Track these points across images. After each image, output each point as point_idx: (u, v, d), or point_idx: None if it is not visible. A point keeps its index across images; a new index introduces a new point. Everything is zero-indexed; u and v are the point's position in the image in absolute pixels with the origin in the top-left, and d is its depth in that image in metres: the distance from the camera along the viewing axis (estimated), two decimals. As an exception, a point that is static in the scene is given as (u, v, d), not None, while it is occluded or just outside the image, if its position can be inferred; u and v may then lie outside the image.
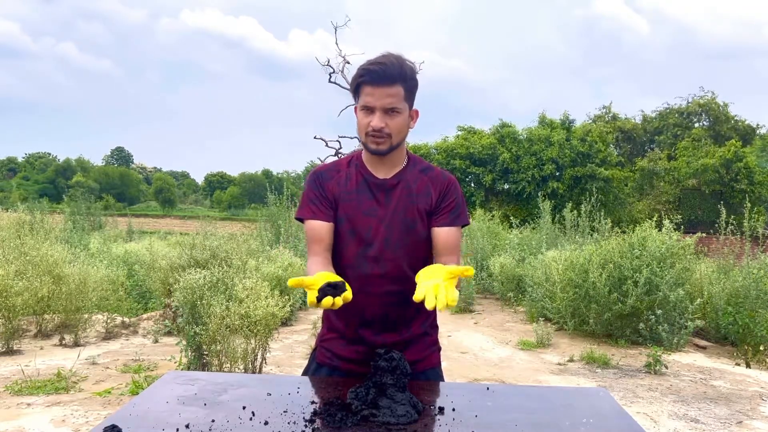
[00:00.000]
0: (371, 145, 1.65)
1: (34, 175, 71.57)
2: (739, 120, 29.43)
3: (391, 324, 1.71)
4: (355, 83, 1.64)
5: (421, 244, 1.71)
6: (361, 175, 1.74)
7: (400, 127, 1.65)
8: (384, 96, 1.60)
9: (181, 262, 6.13)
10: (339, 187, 1.72)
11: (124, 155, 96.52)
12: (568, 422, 1.35)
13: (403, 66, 1.63)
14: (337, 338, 1.76)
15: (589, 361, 5.60)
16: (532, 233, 11.25)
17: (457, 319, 8.15)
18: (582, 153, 22.66)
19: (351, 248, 1.69)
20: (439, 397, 1.46)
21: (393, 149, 1.68)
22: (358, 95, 1.65)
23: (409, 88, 1.65)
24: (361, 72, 1.61)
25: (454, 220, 1.73)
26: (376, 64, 1.60)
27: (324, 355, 1.78)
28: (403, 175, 1.74)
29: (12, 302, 5.22)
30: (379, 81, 1.59)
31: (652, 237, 6.59)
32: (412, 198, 1.71)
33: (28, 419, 3.60)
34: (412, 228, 1.69)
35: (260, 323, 4.24)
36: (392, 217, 1.69)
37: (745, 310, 6.31)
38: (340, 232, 1.70)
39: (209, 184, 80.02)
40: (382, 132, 1.62)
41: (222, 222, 25.04)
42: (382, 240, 1.67)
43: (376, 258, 1.67)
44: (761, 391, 4.77)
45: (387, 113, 1.62)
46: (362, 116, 1.64)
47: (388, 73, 1.59)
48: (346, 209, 1.70)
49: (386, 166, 1.73)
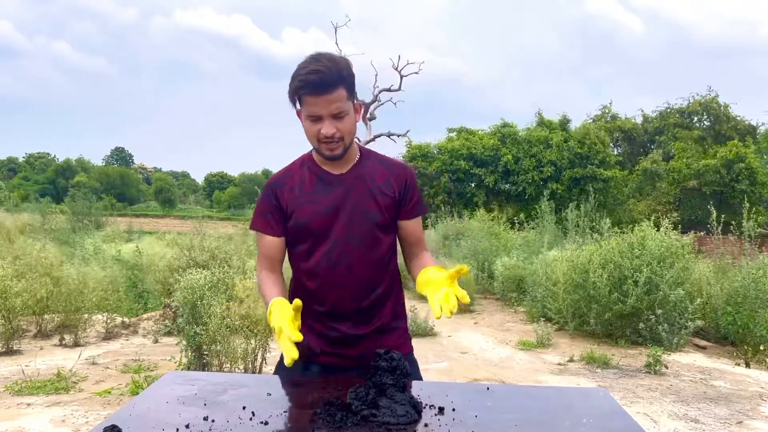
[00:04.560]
0: (325, 151, 1.64)
1: (34, 175, 71.55)
2: (739, 120, 29.42)
3: (362, 316, 1.73)
4: (295, 94, 1.60)
5: (383, 234, 1.74)
6: (315, 174, 1.73)
7: (350, 128, 1.65)
8: (328, 103, 1.56)
9: (180, 264, 6.13)
10: (293, 192, 1.72)
11: (124, 155, 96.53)
12: (568, 422, 1.35)
13: (339, 66, 1.57)
14: (307, 332, 1.72)
15: (589, 361, 5.60)
16: (534, 234, 11.26)
17: (457, 319, 8.15)
18: (580, 155, 22.68)
19: (315, 248, 1.70)
20: (439, 397, 1.46)
21: (347, 150, 1.67)
22: (300, 105, 1.62)
23: (349, 86, 1.61)
24: (300, 84, 1.56)
25: (419, 211, 1.81)
26: (313, 72, 1.54)
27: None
28: (359, 168, 1.74)
29: (12, 303, 5.22)
30: (321, 90, 1.55)
31: (651, 236, 6.59)
32: (371, 190, 1.72)
33: (28, 419, 3.60)
34: (373, 220, 1.71)
35: (260, 323, 4.25)
36: (352, 211, 1.69)
37: (745, 310, 6.31)
38: (303, 234, 1.71)
39: (209, 184, 79.99)
40: (334, 137, 1.61)
41: (222, 222, 25.05)
42: (345, 235, 1.69)
43: (341, 253, 1.68)
44: (761, 391, 4.77)
45: (335, 118, 1.59)
46: (309, 124, 1.61)
47: (327, 79, 1.54)
48: (304, 212, 1.70)
49: (340, 162, 1.72)
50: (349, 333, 1.72)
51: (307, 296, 1.71)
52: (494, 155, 23.01)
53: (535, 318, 7.41)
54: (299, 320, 1.47)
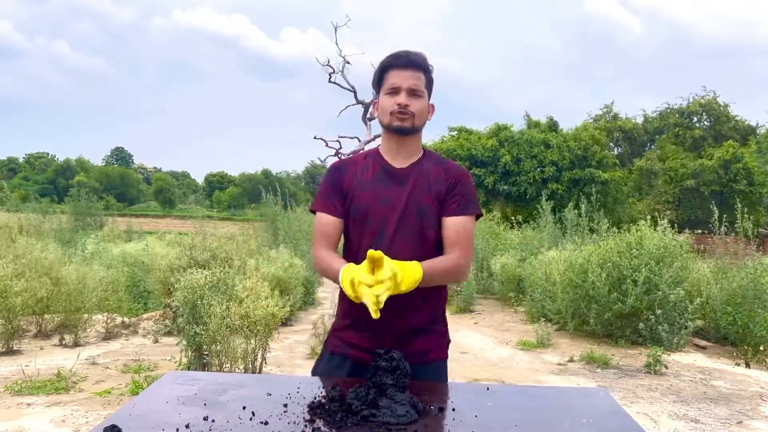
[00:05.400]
0: (395, 122, 1.71)
1: (34, 175, 71.54)
2: (739, 120, 29.43)
3: (402, 310, 1.70)
4: (381, 69, 1.75)
5: (432, 229, 1.74)
6: (378, 165, 1.79)
7: (422, 110, 1.74)
8: (409, 78, 1.71)
9: (181, 263, 6.13)
10: (355, 178, 1.78)
11: (124, 155, 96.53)
12: (568, 422, 1.35)
13: (425, 59, 1.76)
14: (349, 325, 1.78)
15: (589, 361, 5.60)
16: (534, 233, 11.26)
17: (457, 319, 8.15)
18: (579, 156, 22.69)
19: (365, 236, 1.73)
20: (439, 397, 1.46)
21: (415, 131, 1.75)
22: (382, 81, 1.75)
23: (429, 79, 1.76)
24: (389, 58, 1.74)
25: (464, 209, 1.75)
26: (403, 52, 1.74)
27: (335, 344, 1.81)
28: (419, 164, 1.79)
29: (12, 303, 5.22)
30: (406, 65, 1.72)
31: (649, 236, 6.60)
32: (428, 185, 1.76)
33: (28, 419, 3.60)
34: (425, 214, 1.73)
35: (260, 323, 4.24)
36: (407, 204, 1.73)
37: (745, 310, 6.31)
38: (356, 221, 1.75)
39: (209, 184, 79.96)
40: (407, 109, 1.70)
41: (222, 222, 25.04)
42: (396, 226, 1.71)
43: (390, 244, 1.69)
44: (761, 391, 4.77)
45: (411, 94, 1.71)
46: (387, 99, 1.73)
47: (413, 59, 1.73)
48: (362, 199, 1.75)
49: (403, 155, 1.78)
50: (387, 329, 1.69)
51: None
52: (493, 156, 23.01)
53: (534, 318, 7.41)
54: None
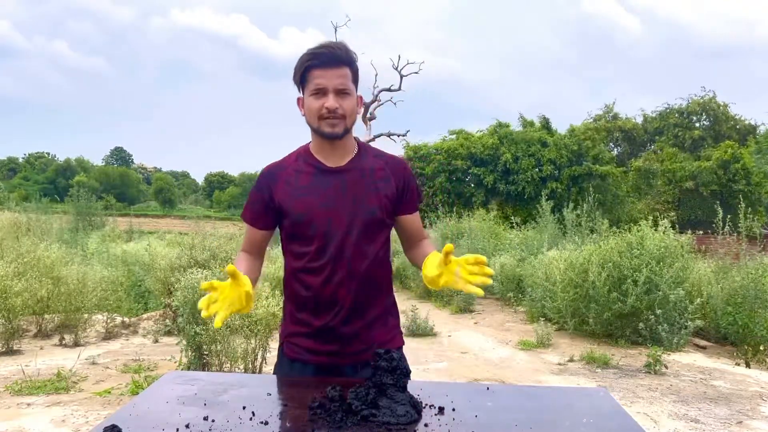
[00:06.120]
0: (326, 128, 1.62)
1: (34, 175, 71.53)
2: (738, 120, 29.43)
3: (358, 309, 1.70)
4: (302, 68, 1.63)
5: (380, 230, 1.72)
6: (312, 167, 1.69)
7: (352, 109, 1.65)
8: (335, 77, 1.60)
9: (181, 263, 6.13)
10: (288, 186, 1.69)
11: (124, 155, 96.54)
12: (568, 422, 1.35)
13: (348, 50, 1.64)
14: (303, 332, 1.73)
15: (589, 361, 5.60)
16: (534, 233, 11.26)
17: (457, 319, 8.15)
18: (575, 152, 22.71)
19: (311, 242, 1.67)
20: (439, 397, 1.46)
21: (347, 132, 1.66)
22: (305, 81, 1.64)
23: (354, 71, 1.66)
24: (309, 56, 1.61)
25: (417, 204, 1.82)
26: (323, 47, 1.61)
27: (293, 351, 1.75)
28: (358, 161, 1.71)
29: (12, 303, 5.22)
30: (329, 63, 1.60)
31: (650, 236, 6.59)
32: (371, 186, 1.69)
33: (28, 419, 3.60)
34: (372, 214, 1.68)
35: (260, 323, 4.25)
36: (353, 207, 1.66)
37: (745, 311, 6.31)
38: (298, 229, 1.68)
39: (209, 184, 79.98)
40: (336, 113, 1.60)
41: (221, 222, 25.03)
42: (345, 229, 1.66)
43: (339, 247, 1.65)
44: (761, 391, 4.77)
45: (339, 94, 1.61)
46: (313, 100, 1.62)
47: (336, 55, 1.61)
48: (300, 206, 1.66)
49: (338, 154, 1.69)
50: (343, 328, 1.69)
51: (303, 291, 1.70)
52: (493, 154, 23.01)
53: (534, 318, 7.41)
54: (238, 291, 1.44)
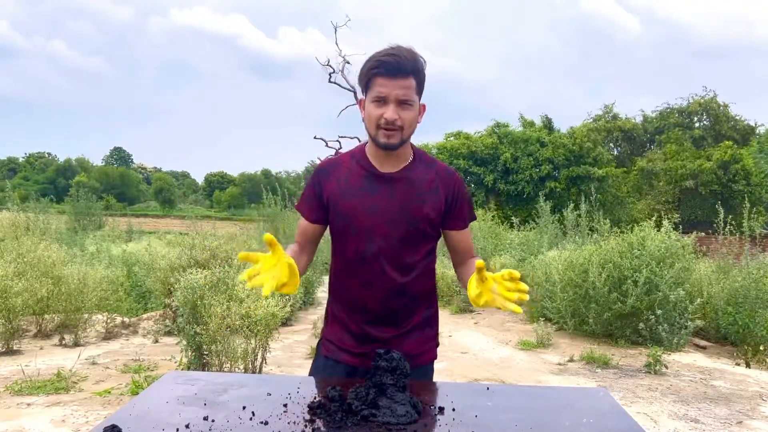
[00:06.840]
0: (382, 138, 1.61)
1: (34, 175, 71.56)
2: (739, 120, 29.43)
3: (392, 317, 1.71)
4: (367, 75, 1.59)
5: (423, 241, 1.71)
6: (364, 169, 1.69)
7: (412, 121, 1.62)
8: (398, 87, 1.56)
9: (181, 263, 6.13)
10: (339, 184, 1.69)
11: (124, 155, 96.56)
12: (568, 422, 1.35)
13: (416, 59, 1.60)
14: (339, 330, 1.77)
15: (589, 361, 5.59)
16: (533, 233, 11.25)
17: (457, 319, 8.16)
18: (575, 153, 22.72)
19: (352, 244, 1.68)
20: (439, 397, 1.46)
21: (403, 143, 1.64)
22: (368, 87, 1.61)
23: (419, 81, 1.62)
24: (375, 63, 1.57)
25: (468, 221, 1.77)
26: (390, 55, 1.56)
27: (327, 348, 1.80)
28: (409, 170, 1.70)
29: (12, 303, 5.22)
30: (394, 72, 1.56)
31: (651, 237, 6.59)
32: (419, 196, 1.68)
33: (28, 419, 3.60)
34: (416, 226, 1.67)
35: (260, 323, 4.24)
36: (398, 215, 1.65)
37: (745, 311, 6.31)
38: (342, 229, 1.70)
39: (209, 184, 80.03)
40: (394, 124, 1.58)
41: (221, 222, 25.03)
42: (385, 237, 1.65)
43: (377, 255, 1.66)
44: (761, 391, 4.77)
45: (400, 105, 1.58)
46: (373, 108, 1.60)
47: (402, 64, 1.56)
48: (347, 207, 1.67)
49: (392, 160, 1.68)
50: (375, 333, 1.70)
51: (342, 291, 1.75)
52: (493, 153, 23.02)
53: (534, 318, 7.41)
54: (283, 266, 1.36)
